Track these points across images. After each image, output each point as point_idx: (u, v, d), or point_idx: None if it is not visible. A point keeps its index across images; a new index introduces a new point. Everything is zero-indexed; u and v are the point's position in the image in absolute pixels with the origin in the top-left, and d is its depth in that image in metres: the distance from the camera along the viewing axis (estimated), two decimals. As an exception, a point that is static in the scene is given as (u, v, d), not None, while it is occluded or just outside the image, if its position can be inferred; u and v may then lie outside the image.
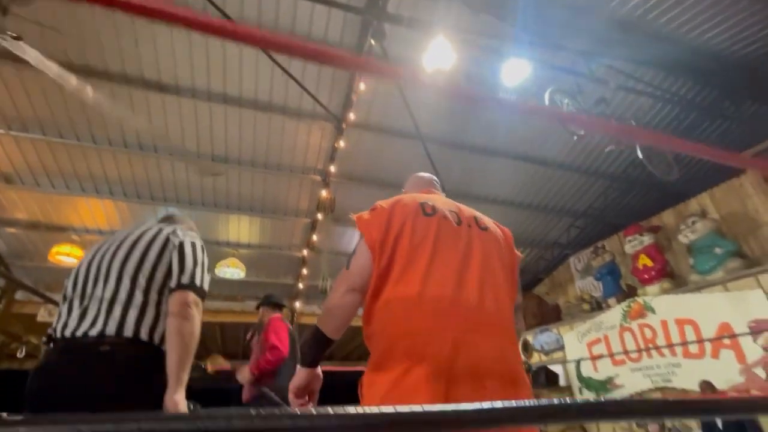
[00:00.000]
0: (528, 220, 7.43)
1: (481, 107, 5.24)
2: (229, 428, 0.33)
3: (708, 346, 4.83)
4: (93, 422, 0.31)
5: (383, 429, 0.35)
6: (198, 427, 0.33)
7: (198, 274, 1.23)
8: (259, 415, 0.33)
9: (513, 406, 0.40)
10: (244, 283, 7.57)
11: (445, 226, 1.08)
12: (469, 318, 0.93)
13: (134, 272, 1.16)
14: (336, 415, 0.34)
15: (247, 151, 5.57)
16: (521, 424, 0.44)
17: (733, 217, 5.47)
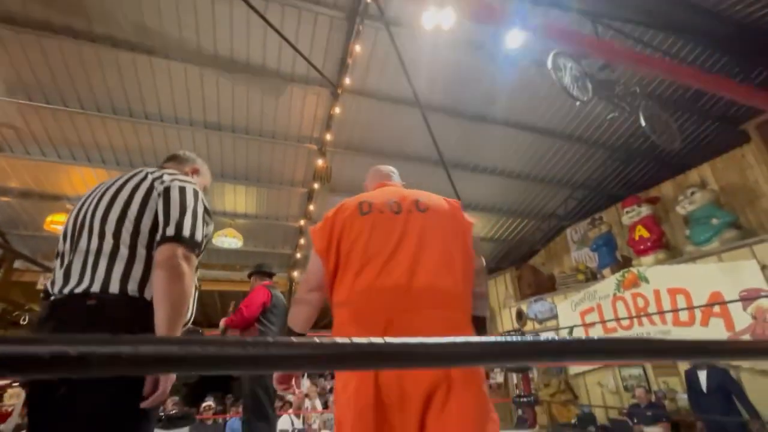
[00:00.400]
0: (526, 192, 7.38)
1: (481, 73, 5.07)
2: (221, 354, 0.34)
3: (698, 314, 4.92)
4: (89, 343, 0.32)
5: (359, 358, 0.37)
6: (191, 352, 0.33)
7: (186, 223, 1.06)
8: (252, 342, 0.34)
9: (456, 342, 0.39)
10: (243, 252, 7.62)
11: (380, 221, 1.18)
12: (400, 298, 1.03)
13: (116, 227, 1.05)
14: (323, 344, 0.36)
15: (240, 118, 5.43)
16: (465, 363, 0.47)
17: (733, 188, 5.44)
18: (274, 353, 0.35)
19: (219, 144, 5.74)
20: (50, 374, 0.31)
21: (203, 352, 0.33)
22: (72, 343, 0.31)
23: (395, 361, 0.39)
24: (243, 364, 0.35)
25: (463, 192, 6.50)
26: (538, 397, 4.60)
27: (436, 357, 0.38)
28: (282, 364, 0.37)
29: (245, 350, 0.34)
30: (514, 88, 5.33)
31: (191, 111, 5.23)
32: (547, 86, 5.01)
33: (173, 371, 0.38)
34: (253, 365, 0.36)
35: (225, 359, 0.34)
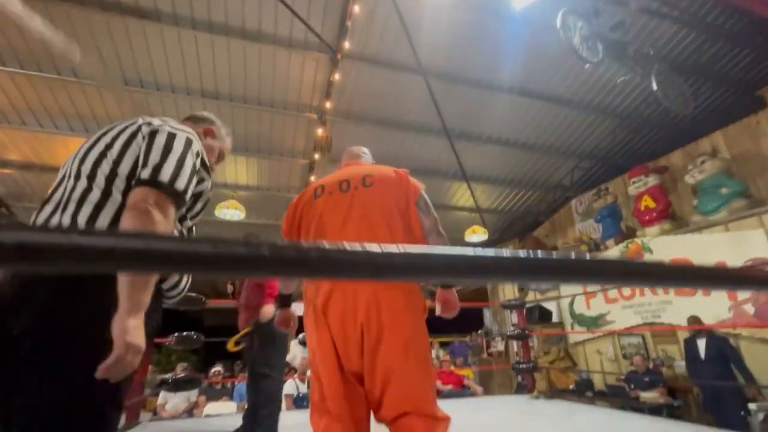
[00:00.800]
0: (531, 162, 7.24)
1: (485, 36, 4.84)
2: (214, 251, 0.32)
3: (701, 284, 4.91)
4: (68, 233, 0.29)
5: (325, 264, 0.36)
6: (179, 249, 0.32)
7: (167, 168, 0.92)
8: (243, 242, 0.33)
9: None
10: (246, 224, 7.64)
11: (329, 202, 1.37)
12: None
13: (92, 169, 0.93)
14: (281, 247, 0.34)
15: (237, 86, 5.29)
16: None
17: (744, 157, 5.28)
18: (237, 252, 0.33)
19: (217, 113, 5.55)
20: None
21: (162, 246, 0.31)
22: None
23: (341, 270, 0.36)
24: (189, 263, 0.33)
25: (467, 163, 6.38)
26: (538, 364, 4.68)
27: (376, 267, 0.35)
28: (242, 265, 0.33)
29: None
30: (520, 51, 5.10)
31: (187, 79, 5.09)
32: (554, 49, 4.78)
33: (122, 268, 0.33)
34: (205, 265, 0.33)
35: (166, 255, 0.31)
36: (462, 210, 8.22)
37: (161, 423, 3.25)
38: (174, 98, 5.25)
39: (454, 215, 8.44)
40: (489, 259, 0.37)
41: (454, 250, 0.36)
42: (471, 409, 3.50)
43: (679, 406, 4.52)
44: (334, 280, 1.20)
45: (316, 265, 0.34)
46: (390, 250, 0.35)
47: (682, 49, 5.26)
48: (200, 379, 3.72)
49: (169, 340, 3.22)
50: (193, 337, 3.22)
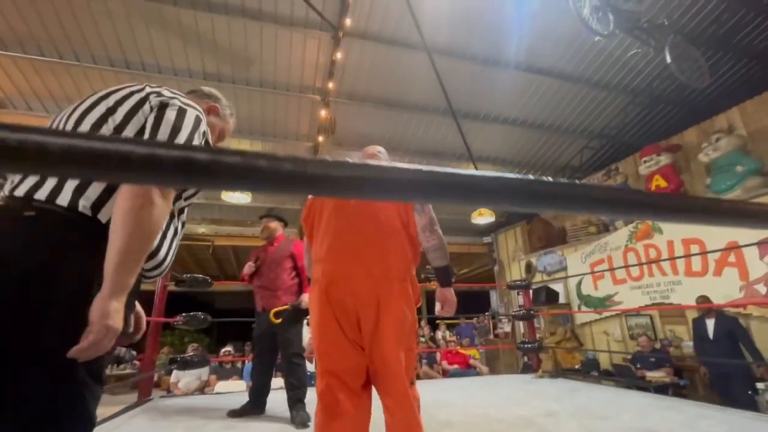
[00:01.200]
0: (539, 143, 7.10)
1: (490, 9, 4.67)
2: (212, 158, 0.31)
3: (711, 264, 4.82)
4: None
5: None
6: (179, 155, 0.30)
7: None
8: (239, 152, 0.32)
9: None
10: (253, 208, 7.69)
11: (338, 201, 1.51)
12: (341, 258, 1.46)
13: (90, 130, 0.84)
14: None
15: (240, 67, 5.23)
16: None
17: (762, 134, 5.08)
18: (232, 162, 0.31)
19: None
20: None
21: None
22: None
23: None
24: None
25: (473, 143, 6.30)
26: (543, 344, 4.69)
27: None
28: (239, 176, 0.32)
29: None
30: (527, 26, 4.92)
31: (189, 61, 5.05)
32: (563, 23, 4.61)
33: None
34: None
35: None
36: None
37: (172, 399, 3.35)
38: (177, 81, 5.22)
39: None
40: (457, 177, 0.35)
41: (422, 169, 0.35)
42: (475, 387, 3.53)
43: (685, 385, 4.51)
44: (328, 195, 1.37)
45: (313, 180, 0.33)
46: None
47: (701, 20, 5.02)
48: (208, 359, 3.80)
49: (177, 318, 3.29)
50: (201, 317, 3.28)
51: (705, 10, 4.90)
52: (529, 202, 0.37)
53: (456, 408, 2.80)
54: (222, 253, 9.39)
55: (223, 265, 10.73)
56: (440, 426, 2.38)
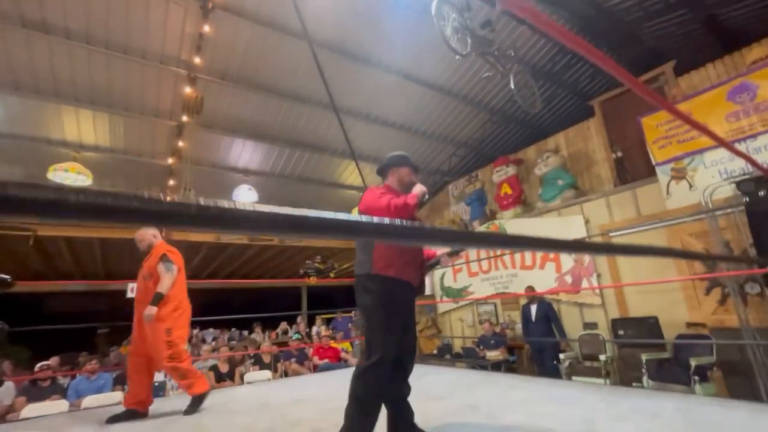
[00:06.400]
0: (415, 146, 7.62)
1: (374, 11, 4.81)
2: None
3: (538, 260, 5.87)
4: None
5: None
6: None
7: None
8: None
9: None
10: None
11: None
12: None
13: None
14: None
15: (77, 20, 4.29)
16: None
17: (577, 155, 6.40)
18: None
19: (48, 51, 4.50)
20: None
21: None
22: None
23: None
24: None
25: (355, 141, 6.40)
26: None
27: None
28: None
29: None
30: (406, 34, 5.22)
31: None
32: (437, 37, 5.02)
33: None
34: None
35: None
36: (350, 189, 8.29)
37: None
38: (-25, 21, 4.01)
39: (343, 193, 8.48)
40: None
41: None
42: (335, 378, 3.61)
43: (514, 361, 5.41)
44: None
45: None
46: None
47: (540, 57, 6.04)
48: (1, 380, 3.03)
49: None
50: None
51: (544, 49, 5.91)
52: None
53: (311, 405, 2.80)
54: (50, 246, 7.64)
55: (53, 260, 8.75)
56: (290, 425, 2.34)
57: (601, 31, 5.82)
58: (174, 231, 7.37)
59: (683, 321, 4.31)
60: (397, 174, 2.07)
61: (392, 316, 1.76)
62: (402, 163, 2.07)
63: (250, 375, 4.64)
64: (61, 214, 0.31)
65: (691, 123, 1.56)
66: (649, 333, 4.19)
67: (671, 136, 4.53)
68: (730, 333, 3.81)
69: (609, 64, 1.11)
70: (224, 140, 6.27)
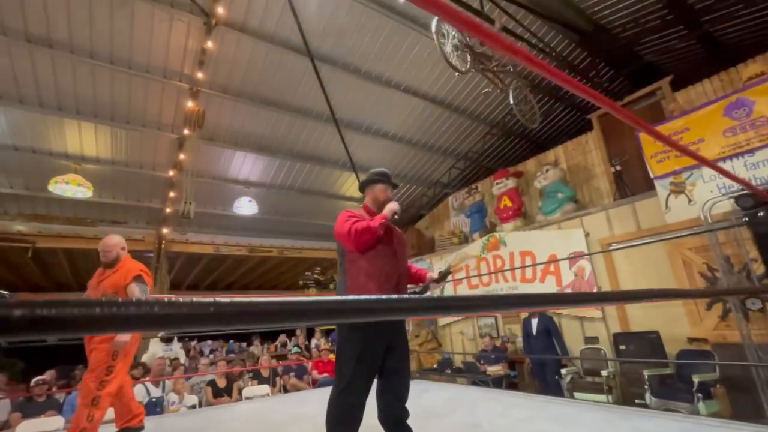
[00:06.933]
0: (416, 158, 7.67)
1: (375, 26, 4.90)
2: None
3: (538, 272, 5.85)
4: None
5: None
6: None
7: None
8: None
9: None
10: (96, 204, 6.47)
11: None
12: None
13: None
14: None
15: (81, 36, 4.35)
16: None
17: (577, 168, 6.43)
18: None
19: (51, 65, 4.56)
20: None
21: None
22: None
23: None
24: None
25: (355, 153, 6.45)
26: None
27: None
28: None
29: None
30: (406, 49, 5.30)
31: (3, 15, 3.99)
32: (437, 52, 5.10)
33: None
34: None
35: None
36: (350, 200, 8.30)
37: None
38: (-18, 37, 4.07)
39: (344, 204, 8.49)
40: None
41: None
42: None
43: (515, 376, 5.35)
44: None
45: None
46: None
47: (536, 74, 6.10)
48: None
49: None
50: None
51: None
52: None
53: (311, 423, 2.76)
54: (49, 257, 7.62)
55: (52, 271, 8.72)
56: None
57: (599, 47, 5.91)
58: (174, 241, 7.37)
59: (685, 336, 4.28)
60: (372, 192, 2.06)
61: (363, 344, 1.72)
62: (376, 180, 2.06)
63: (248, 390, 4.59)
64: (87, 329, 0.30)
65: (672, 144, 1.56)
66: (651, 348, 4.16)
67: (669, 150, 4.56)
68: (733, 348, 3.78)
69: (579, 88, 1.12)
70: (225, 153, 6.30)
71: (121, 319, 0.29)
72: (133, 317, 0.29)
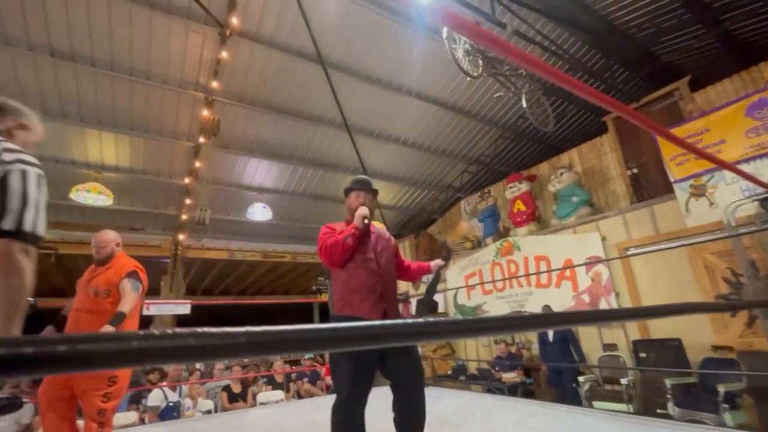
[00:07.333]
0: (427, 163, 7.65)
1: (384, 35, 4.92)
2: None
3: (554, 278, 5.75)
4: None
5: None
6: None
7: (28, 216, 0.97)
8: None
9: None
10: (115, 211, 6.63)
11: None
12: None
13: None
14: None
15: (101, 49, 4.50)
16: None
17: (591, 171, 6.32)
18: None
19: (73, 78, 4.72)
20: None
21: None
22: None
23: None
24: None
25: (367, 159, 6.48)
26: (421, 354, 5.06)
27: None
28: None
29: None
30: (417, 54, 5.31)
31: (29, 30, 4.15)
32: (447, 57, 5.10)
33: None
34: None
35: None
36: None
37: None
38: (9, 53, 4.24)
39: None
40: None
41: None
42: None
43: (531, 383, 5.25)
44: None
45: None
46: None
47: (551, 74, 6.04)
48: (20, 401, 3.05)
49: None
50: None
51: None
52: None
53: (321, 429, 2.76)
54: (71, 263, 7.84)
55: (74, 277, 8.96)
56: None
57: (613, 48, 5.82)
58: (190, 247, 7.49)
59: (708, 343, 4.14)
60: (348, 202, 2.01)
61: (353, 354, 1.67)
62: (350, 189, 2.01)
63: (262, 395, 4.62)
64: (122, 362, 0.31)
65: (688, 148, 1.52)
66: (673, 356, 4.03)
67: (689, 153, 4.44)
68: (760, 357, 3.63)
69: (588, 92, 1.10)
70: (240, 160, 6.40)
71: (157, 351, 0.29)
72: (168, 349, 0.30)
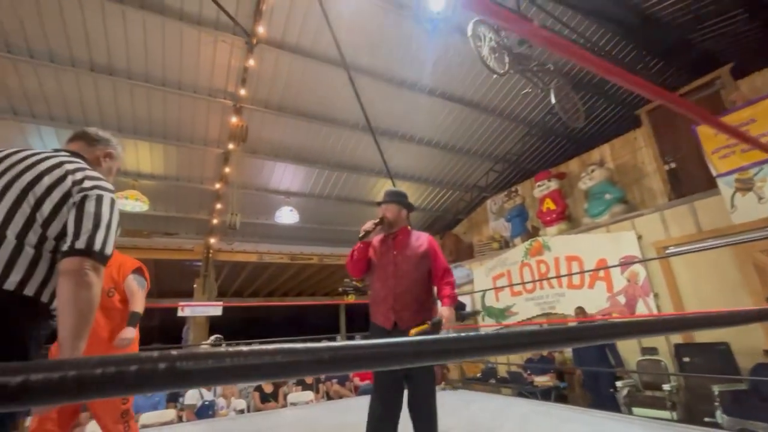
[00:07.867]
0: (452, 163, 7.57)
1: (407, 36, 4.91)
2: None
3: (587, 278, 5.55)
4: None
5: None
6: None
7: (99, 237, 1.04)
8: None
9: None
10: (150, 217, 6.92)
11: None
12: None
13: (22, 230, 0.98)
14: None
15: (137, 63, 4.71)
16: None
17: (625, 167, 6.07)
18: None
19: (112, 91, 4.96)
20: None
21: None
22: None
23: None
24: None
25: (391, 161, 6.48)
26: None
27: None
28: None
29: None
30: (440, 54, 5.27)
31: (71, 45, 4.39)
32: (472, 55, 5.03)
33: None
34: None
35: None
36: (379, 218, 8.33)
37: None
38: (54, 69, 4.50)
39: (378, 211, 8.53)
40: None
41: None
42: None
43: (565, 387, 5.08)
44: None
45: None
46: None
47: (579, 68, 5.86)
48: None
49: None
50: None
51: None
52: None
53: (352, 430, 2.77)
54: (111, 267, 8.23)
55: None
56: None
57: (648, 40, 5.57)
58: (221, 251, 7.72)
59: (760, 348, 3.88)
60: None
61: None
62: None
63: (293, 396, 4.69)
64: (217, 379, 0.31)
65: (741, 136, 1.42)
66: (720, 361, 3.81)
67: (734, 145, 4.18)
68: (820, 363, 3.38)
69: (632, 81, 1.04)
70: (267, 165, 6.54)
71: (248, 368, 0.30)
72: (257, 366, 0.30)
